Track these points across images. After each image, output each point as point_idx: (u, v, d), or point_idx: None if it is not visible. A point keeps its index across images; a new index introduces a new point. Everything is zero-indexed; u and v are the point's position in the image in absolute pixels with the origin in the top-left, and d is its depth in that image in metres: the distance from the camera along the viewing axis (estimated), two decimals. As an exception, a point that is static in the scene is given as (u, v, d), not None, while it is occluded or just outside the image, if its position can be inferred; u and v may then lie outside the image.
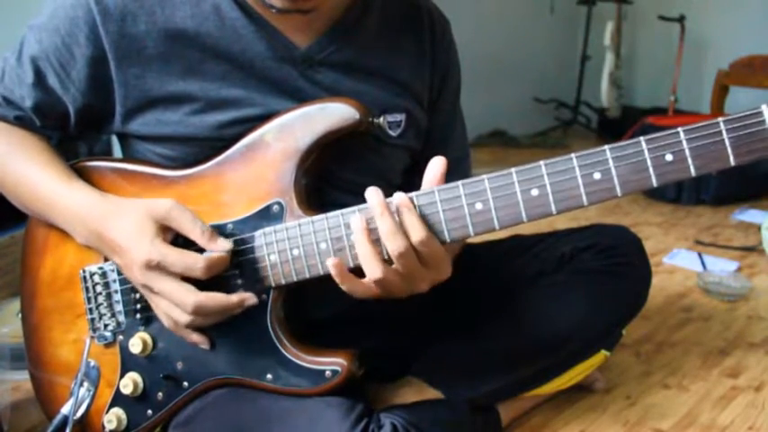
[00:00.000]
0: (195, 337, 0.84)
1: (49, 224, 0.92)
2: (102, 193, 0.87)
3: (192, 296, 0.79)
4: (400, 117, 0.95)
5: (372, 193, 0.76)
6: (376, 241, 0.76)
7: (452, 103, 1.07)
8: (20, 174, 0.90)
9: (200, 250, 0.81)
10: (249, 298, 0.82)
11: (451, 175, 1.04)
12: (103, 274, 0.90)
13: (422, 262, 0.77)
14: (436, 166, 0.77)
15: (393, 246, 0.75)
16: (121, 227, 0.82)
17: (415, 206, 0.76)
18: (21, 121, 0.92)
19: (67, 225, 0.88)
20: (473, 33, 2.73)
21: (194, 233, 0.81)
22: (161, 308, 0.83)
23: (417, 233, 0.75)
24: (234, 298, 0.81)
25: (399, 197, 0.76)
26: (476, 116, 1.26)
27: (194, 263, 0.79)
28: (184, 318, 0.80)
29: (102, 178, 0.91)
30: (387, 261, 0.76)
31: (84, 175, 0.92)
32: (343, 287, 0.78)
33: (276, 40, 0.87)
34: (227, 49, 0.86)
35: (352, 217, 0.77)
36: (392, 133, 0.94)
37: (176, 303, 0.80)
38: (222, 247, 0.81)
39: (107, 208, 0.84)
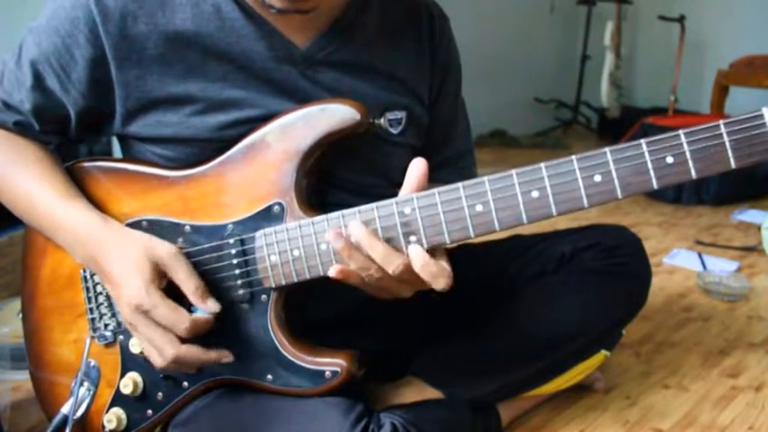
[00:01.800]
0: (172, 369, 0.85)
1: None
2: (102, 216, 0.86)
3: (173, 350, 0.79)
4: (401, 115, 0.95)
5: (355, 227, 0.76)
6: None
7: (453, 100, 1.07)
8: (18, 189, 0.89)
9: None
10: (226, 356, 0.83)
11: (455, 169, 1.05)
12: (104, 275, 0.90)
13: None
14: (416, 167, 0.77)
15: (392, 267, 0.75)
16: (119, 260, 0.81)
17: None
18: (20, 127, 0.91)
19: (65, 244, 0.87)
20: (473, 33, 2.73)
21: (187, 288, 0.81)
22: (143, 344, 0.83)
23: (441, 283, 0.76)
24: (212, 354, 0.82)
25: (415, 250, 0.75)
26: (476, 116, 1.26)
27: (180, 322, 0.79)
28: (160, 362, 0.81)
29: (101, 179, 0.91)
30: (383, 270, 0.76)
31: (84, 176, 0.92)
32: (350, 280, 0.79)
33: (276, 41, 0.87)
34: (227, 50, 0.86)
35: (352, 225, 0.77)
36: (393, 131, 0.94)
37: (156, 350, 0.81)
38: (211, 307, 0.81)
39: (107, 235, 0.84)
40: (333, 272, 0.77)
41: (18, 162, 0.90)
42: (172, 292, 0.81)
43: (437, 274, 0.75)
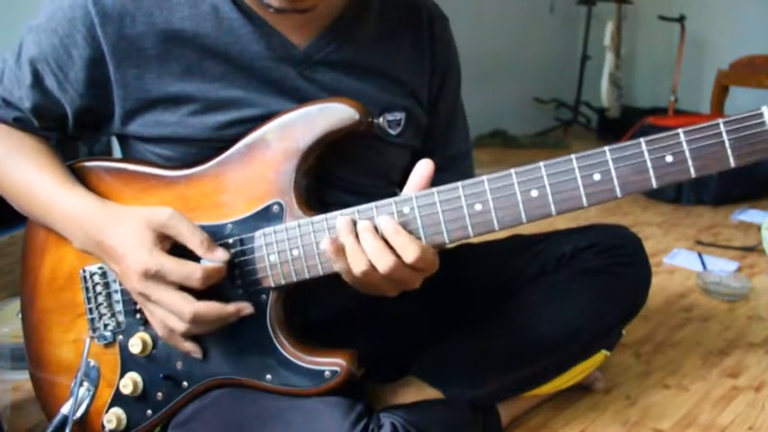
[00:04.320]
0: (188, 346, 0.85)
1: (48, 225, 0.92)
2: (101, 199, 0.87)
3: (190, 305, 0.79)
4: (400, 116, 0.95)
5: (341, 222, 0.77)
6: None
7: (453, 101, 1.07)
8: (18, 177, 0.90)
9: (197, 258, 0.81)
10: (246, 307, 0.82)
11: (453, 172, 1.05)
12: (103, 274, 0.90)
13: (412, 269, 0.77)
14: (422, 169, 0.77)
15: (383, 265, 0.75)
16: (120, 235, 0.81)
17: (399, 223, 0.76)
18: (20, 123, 0.92)
19: (66, 231, 0.88)
20: (473, 33, 2.73)
21: (192, 242, 0.80)
22: (157, 316, 0.83)
23: (410, 254, 0.74)
24: (230, 307, 0.81)
25: (384, 222, 0.75)
26: (476, 116, 1.26)
27: (192, 272, 0.79)
28: (181, 326, 0.80)
29: (101, 178, 0.91)
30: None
31: (84, 176, 0.92)
32: (337, 266, 0.78)
33: (274, 40, 0.87)
34: (225, 50, 0.86)
35: (338, 219, 0.78)
36: (392, 132, 0.94)
37: (174, 312, 0.80)
38: (220, 257, 0.81)
39: (106, 215, 0.84)
40: (325, 242, 0.76)
41: (18, 153, 0.91)
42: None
43: (406, 244, 0.75)
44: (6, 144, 0.92)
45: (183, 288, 0.80)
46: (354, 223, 0.77)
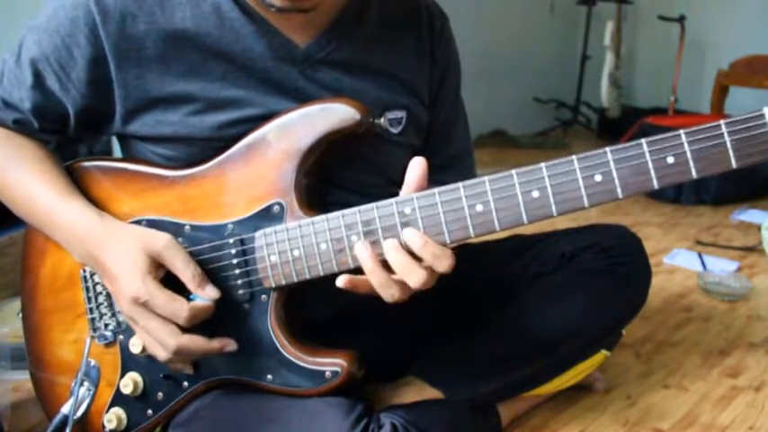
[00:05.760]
0: (177, 365, 0.85)
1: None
2: (100, 213, 0.86)
3: (174, 339, 0.79)
4: (401, 114, 0.95)
5: (364, 255, 0.76)
6: (384, 263, 0.76)
7: (453, 100, 1.07)
8: (18, 186, 0.90)
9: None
10: (229, 344, 0.83)
11: (454, 171, 1.05)
12: (104, 274, 0.90)
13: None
14: (416, 166, 0.77)
15: (414, 281, 0.75)
16: (116, 255, 0.81)
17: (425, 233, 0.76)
18: (19, 125, 0.92)
19: (64, 242, 0.88)
20: (473, 33, 2.73)
21: (185, 275, 0.81)
22: (144, 340, 0.83)
23: (445, 264, 0.75)
24: (215, 344, 0.82)
25: (410, 235, 0.75)
26: (476, 116, 1.26)
27: (180, 310, 0.78)
28: (164, 355, 0.81)
29: (100, 179, 0.91)
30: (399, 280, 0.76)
31: (83, 176, 0.92)
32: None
33: (276, 40, 0.87)
34: (227, 50, 0.86)
35: (357, 248, 0.77)
36: (393, 131, 0.94)
37: (158, 342, 0.80)
38: (209, 294, 0.81)
39: (105, 232, 0.84)
40: (341, 282, 0.77)
41: (18, 160, 0.90)
42: (171, 284, 0.81)
43: (440, 255, 0.75)
44: (6, 150, 0.91)
45: None
46: (373, 247, 0.77)
